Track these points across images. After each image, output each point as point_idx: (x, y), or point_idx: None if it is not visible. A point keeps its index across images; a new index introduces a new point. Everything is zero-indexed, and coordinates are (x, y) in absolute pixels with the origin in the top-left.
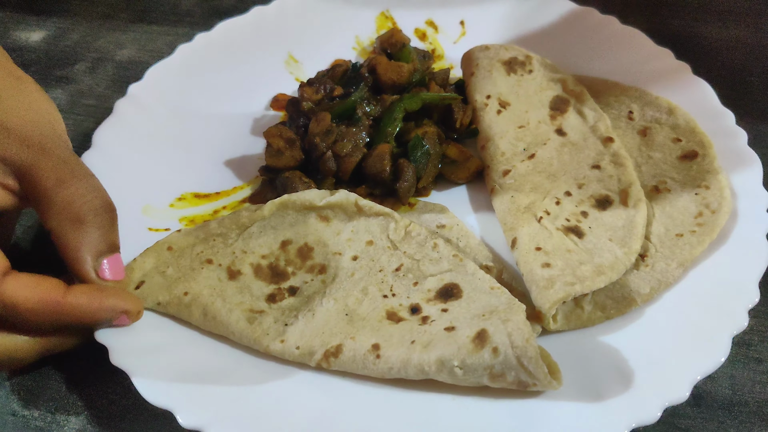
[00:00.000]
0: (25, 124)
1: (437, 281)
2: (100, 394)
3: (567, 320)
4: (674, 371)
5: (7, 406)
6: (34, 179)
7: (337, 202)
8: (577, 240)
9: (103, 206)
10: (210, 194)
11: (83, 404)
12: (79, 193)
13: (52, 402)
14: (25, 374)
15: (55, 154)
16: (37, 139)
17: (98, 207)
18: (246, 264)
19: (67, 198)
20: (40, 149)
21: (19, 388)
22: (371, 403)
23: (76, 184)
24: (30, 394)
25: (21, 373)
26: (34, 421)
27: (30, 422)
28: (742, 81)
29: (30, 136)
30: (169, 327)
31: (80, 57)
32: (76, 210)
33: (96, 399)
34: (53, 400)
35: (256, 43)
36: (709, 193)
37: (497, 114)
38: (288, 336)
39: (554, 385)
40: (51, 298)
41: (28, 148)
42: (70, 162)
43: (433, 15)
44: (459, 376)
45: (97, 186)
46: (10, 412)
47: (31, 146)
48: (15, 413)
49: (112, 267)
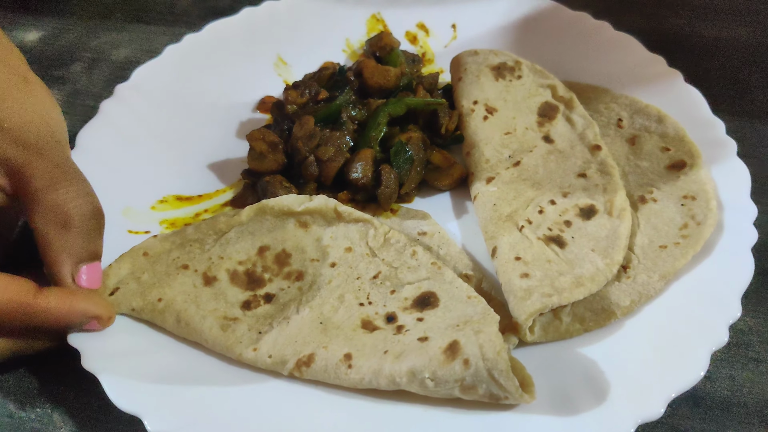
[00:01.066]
0: (23, 125)
1: (414, 289)
2: (97, 396)
3: (545, 332)
4: (650, 387)
5: (4, 408)
6: (25, 179)
7: (316, 208)
8: (559, 250)
9: (92, 212)
10: (192, 197)
11: (80, 406)
12: (69, 197)
13: (48, 404)
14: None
15: (49, 157)
16: (33, 140)
17: (87, 213)
18: (222, 270)
19: (56, 200)
20: (35, 150)
21: (16, 389)
22: (342, 412)
23: (68, 187)
24: (26, 396)
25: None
26: (31, 422)
27: (26, 424)
28: (740, 80)
29: (26, 136)
30: (143, 332)
31: (76, 57)
32: (63, 213)
33: (93, 401)
34: (50, 402)
35: (245, 44)
36: (696, 204)
37: (483, 120)
38: (261, 344)
39: (526, 399)
40: (21, 299)
41: (22, 148)
42: (64, 165)
43: (425, 18)
44: (430, 387)
45: (88, 192)
46: (7, 413)
47: (27, 147)
48: (11, 415)
49: (90, 275)
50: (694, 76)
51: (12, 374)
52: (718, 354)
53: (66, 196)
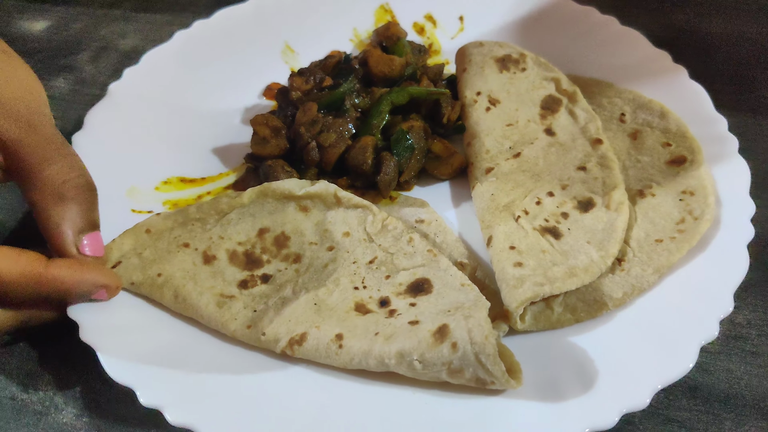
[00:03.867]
0: (14, 99)
1: (409, 275)
2: (99, 379)
3: (536, 320)
4: (637, 378)
5: (7, 390)
6: (19, 155)
7: (317, 193)
8: (554, 241)
9: (86, 185)
10: (195, 179)
11: (81, 388)
12: (63, 171)
13: (50, 386)
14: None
15: (41, 132)
16: (24, 115)
17: (81, 185)
18: (222, 249)
19: (51, 175)
20: (27, 125)
21: (18, 372)
22: (330, 391)
23: (61, 161)
24: (29, 378)
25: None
26: (33, 405)
27: (29, 406)
28: (746, 76)
29: (18, 111)
30: (141, 308)
31: (83, 46)
32: (59, 187)
33: (94, 383)
34: (52, 384)
35: (253, 31)
36: (694, 199)
37: (486, 111)
38: (256, 322)
39: (512, 384)
40: (33, 270)
41: (15, 123)
42: (55, 140)
43: (433, 9)
44: (418, 369)
45: (80, 165)
46: (9, 395)
47: (19, 121)
48: (14, 397)
49: (92, 243)
50: (699, 70)
51: (15, 357)
52: (716, 347)
53: (60, 170)
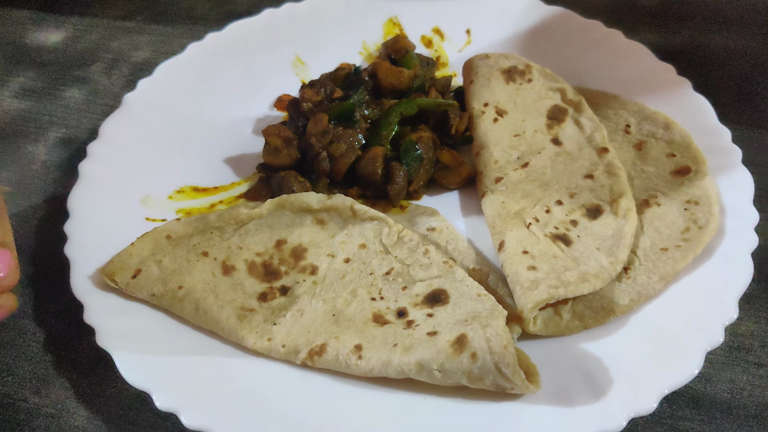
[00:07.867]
0: None
1: (426, 286)
2: (110, 384)
3: (545, 326)
4: (644, 383)
5: (19, 393)
6: None
7: (333, 206)
8: (565, 247)
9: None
10: (208, 188)
11: (93, 393)
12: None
13: (63, 390)
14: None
15: None
16: None
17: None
18: (240, 260)
19: None
20: None
21: (31, 376)
22: (347, 398)
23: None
24: (41, 382)
25: None
26: (45, 408)
27: (41, 409)
28: (748, 91)
29: None
30: (157, 313)
31: (97, 58)
32: None
33: (106, 388)
34: (64, 389)
35: (265, 44)
36: (698, 208)
37: (493, 122)
38: (275, 335)
39: (531, 389)
40: None
41: None
42: None
43: (440, 23)
44: (438, 378)
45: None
46: (22, 398)
47: None
48: (26, 399)
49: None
50: (702, 85)
51: (28, 361)
52: (719, 357)
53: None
